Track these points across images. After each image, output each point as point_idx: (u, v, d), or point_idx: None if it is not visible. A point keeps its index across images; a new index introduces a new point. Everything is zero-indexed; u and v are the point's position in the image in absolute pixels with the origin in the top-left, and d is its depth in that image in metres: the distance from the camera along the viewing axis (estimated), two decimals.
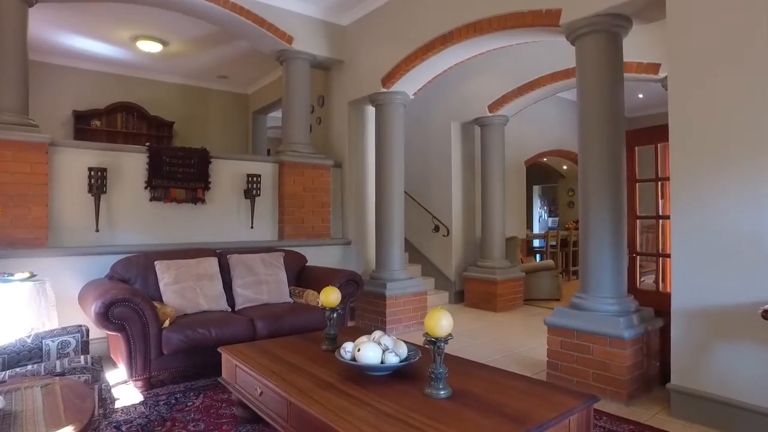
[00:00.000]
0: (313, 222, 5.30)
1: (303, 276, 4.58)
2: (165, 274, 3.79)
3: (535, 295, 6.87)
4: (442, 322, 2.07)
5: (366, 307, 5.25)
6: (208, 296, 3.83)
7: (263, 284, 4.16)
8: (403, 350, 2.37)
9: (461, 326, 5.35)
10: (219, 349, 2.82)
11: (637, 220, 3.62)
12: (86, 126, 6.93)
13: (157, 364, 3.27)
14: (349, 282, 4.23)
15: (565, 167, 9.99)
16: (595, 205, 3.29)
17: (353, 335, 2.62)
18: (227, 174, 4.86)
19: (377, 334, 2.43)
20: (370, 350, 2.27)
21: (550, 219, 15.00)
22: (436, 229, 7.01)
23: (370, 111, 5.82)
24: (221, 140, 8.23)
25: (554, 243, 8.80)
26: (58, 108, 6.86)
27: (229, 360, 2.73)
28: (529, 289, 6.82)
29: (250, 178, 4.87)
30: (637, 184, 3.61)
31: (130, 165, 4.33)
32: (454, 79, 6.78)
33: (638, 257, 3.60)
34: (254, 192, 4.89)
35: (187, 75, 7.86)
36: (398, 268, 5.24)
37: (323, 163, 5.40)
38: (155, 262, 3.84)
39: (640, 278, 3.66)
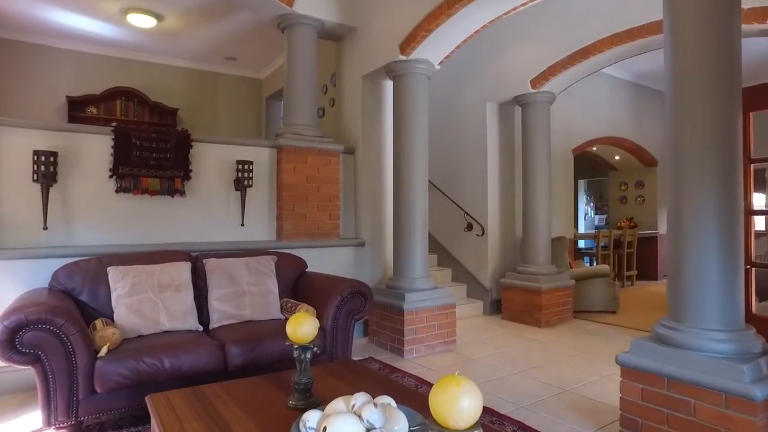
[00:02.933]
0: (318, 219, 4.43)
1: (300, 285, 3.71)
2: (119, 283, 2.99)
3: (586, 307, 5.79)
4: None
5: (382, 322, 4.34)
6: (172, 312, 3.01)
7: (245, 296, 3.31)
8: (402, 428, 1.45)
9: (496, 346, 4.36)
10: (147, 398, 1.97)
11: (752, 217, 2.56)
12: (81, 113, 6.31)
13: (87, 405, 2.46)
14: (353, 295, 3.33)
15: (617, 157, 8.79)
16: (693, 197, 2.27)
17: (341, 382, 1.73)
18: (213, 160, 4.05)
19: (359, 398, 1.51)
20: (344, 429, 1.37)
21: (597, 216, 13.69)
22: (469, 227, 6.02)
23: (388, 87, 4.90)
24: (231, 129, 7.50)
25: (605, 244, 7.64)
26: (50, 94, 6.26)
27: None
28: (580, 299, 5.76)
29: (240, 166, 4.04)
30: (752, 166, 2.55)
31: (92, 149, 3.57)
32: (489, 52, 5.78)
33: (753, 270, 2.54)
34: (246, 182, 4.06)
35: (191, 57, 7.15)
36: (420, 276, 4.31)
37: (331, 149, 4.52)
38: (108, 269, 3.05)
39: (754, 300, 2.61)
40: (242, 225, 4.14)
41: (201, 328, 3.11)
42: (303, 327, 1.85)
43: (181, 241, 3.87)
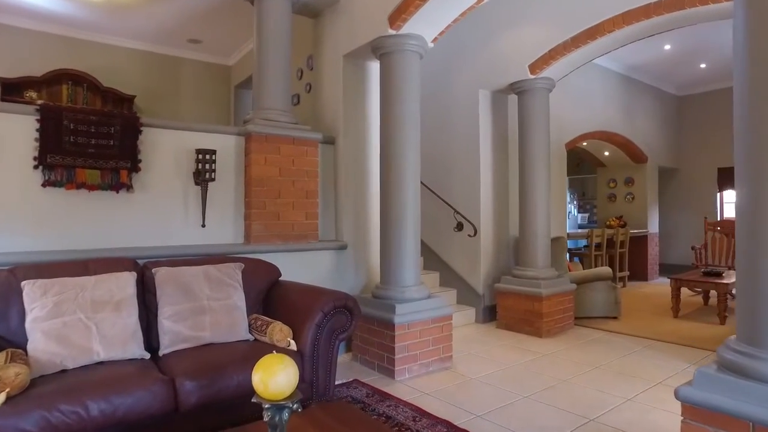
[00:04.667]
0: (293, 218, 3.83)
1: (273, 297, 3.11)
2: (37, 302, 2.34)
3: (586, 312, 5.34)
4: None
5: (367, 336, 3.77)
6: (109, 337, 2.37)
7: (205, 313, 2.69)
8: None
9: (497, 362, 3.84)
10: None
11: None
12: (18, 98, 5.51)
13: None
14: (337, 311, 2.75)
15: (607, 153, 8.42)
16: None
17: None
18: (168, 149, 3.40)
19: None
20: None
21: (579, 215, 13.39)
22: (459, 227, 5.50)
23: (374, 68, 4.33)
24: (196, 120, 6.79)
25: (598, 244, 7.25)
26: None
27: None
28: (579, 304, 5.31)
29: (201, 156, 3.41)
30: None
31: (10, 132, 2.88)
32: (484, 33, 5.27)
33: None
34: (207, 175, 3.43)
35: (150, 39, 6.41)
36: (412, 284, 3.75)
37: (309, 137, 3.92)
38: (23, 283, 2.39)
39: None
40: (203, 226, 3.50)
41: (147, 356, 2.48)
42: (278, 378, 1.26)
43: (127, 245, 3.21)
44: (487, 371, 3.66)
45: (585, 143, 8.03)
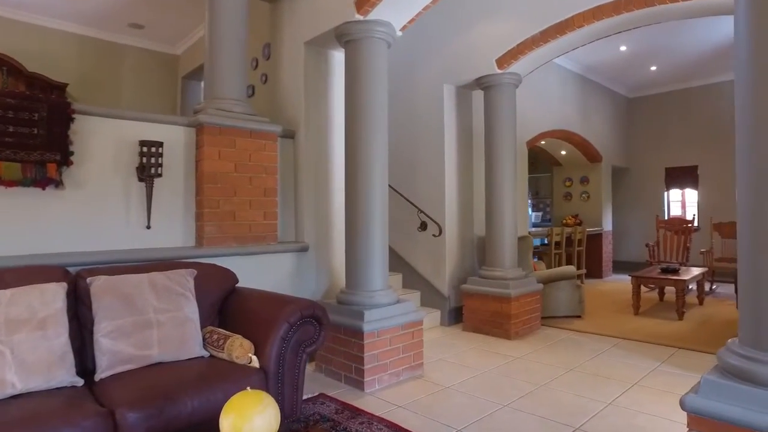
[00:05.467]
0: (250, 218, 3.49)
1: (230, 307, 2.78)
2: None
3: (551, 312, 5.29)
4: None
5: (332, 346, 3.49)
6: (29, 363, 1.97)
7: (152, 328, 2.33)
8: None
9: (469, 368, 3.67)
10: None
11: None
12: None
13: None
14: (304, 321, 2.47)
15: (563, 152, 8.51)
16: None
17: None
18: (106, 141, 2.99)
19: None
20: None
21: (534, 214, 13.59)
22: (423, 226, 5.32)
23: (336, 58, 4.06)
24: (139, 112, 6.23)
25: (557, 242, 7.28)
26: None
27: None
28: (543, 303, 5.24)
29: (146, 149, 3.02)
30: None
31: None
32: (450, 25, 5.11)
33: None
34: (153, 170, 3.04)
35: (85, 21, 5.83)
36: (380, 287, 3.51)
37: (267, 130, 3.59)
38: None
39: None
40: (148, 227, 3.11)
41: (80, 382, 2.10)
42: (255, 424, 0.98)
43: (56, 251, 2.78)
44: (460, 378, 3.48)
45: (543, 142, 8.06)
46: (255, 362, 2.34)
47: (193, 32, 6.25)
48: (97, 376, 2.17)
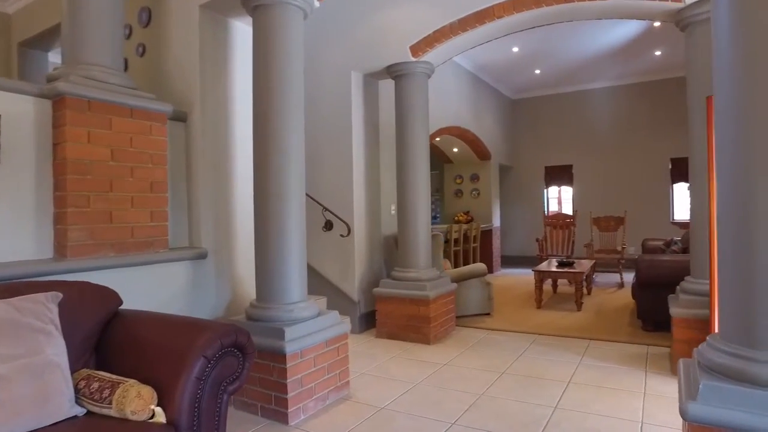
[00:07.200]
0: (133, 219, 2.74)
1: (113, 339, 2.06)
2: None
3: (461, 311, 5.17)
4: None
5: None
6: None
7: None
8: None
9: (399, 381, 3.32)
10: None
11: None
12: None
13: None
14: (225, 353, 1.89)
15: (455, 150, 8.63)
16: None
17: None
18: None
19: None
20: None
21: None
22: (329, 226, 4.87)
23: (240, 28, 3.44)
24: None
25: (456, 239, 7.31)
26: None
27: None
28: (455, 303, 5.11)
29: None
30: None
31: None
32: (362, 7, 4.70)
33: None
34: None
35: None
36: (300, 299, 2.99)
37: (154, 109, 2.86)
38: None
39: None
40: None
41: None
42: None
43: None
44: (392, 395, 3.11)
45: (438, 139, 8.06)
46: (160, 416, 1.71)
47: None
48: None
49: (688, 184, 8.36)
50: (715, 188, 1.92)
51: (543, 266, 5.91)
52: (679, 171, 8.44)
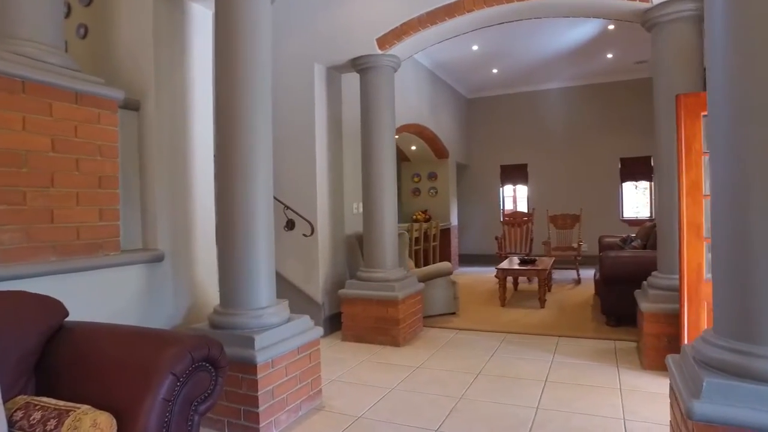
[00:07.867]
0: (79, 218, 2.42)
1: (59, 358, 1.78)
2: None
3: (427, 311, 5.06)
4: None
5: None
6: None
7: None
8: None
9: (372, 387, 3.16)
10: None
11: None
12: None
13: None
14: (196, 369, 1.67)
15: (413, 148, 8.57)
16: None
17: None
18: None
19: None
20: None
21: None
22: (291, 225, 4.62)
23: (197, 10, 3.17)
24: None
25: (416, 238, 7.23)
26: None
27: None
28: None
29: None
30: None
31: None
32: None
33: None
34: None
35: None
36: (269, 303, 2.77)
37: (103, 95, 2.55)
38: None
39: None
40: None
41: None
42: None
43: None
44: (367, 402, 2.94)
45: (397, 136, 7.95)
46: None
47: None
48: None
49: (635, 184, 8.82)
50: (709, 181, 1.89)
51: (505, 264, 5.93)
52: (628, 170, 8.78)
